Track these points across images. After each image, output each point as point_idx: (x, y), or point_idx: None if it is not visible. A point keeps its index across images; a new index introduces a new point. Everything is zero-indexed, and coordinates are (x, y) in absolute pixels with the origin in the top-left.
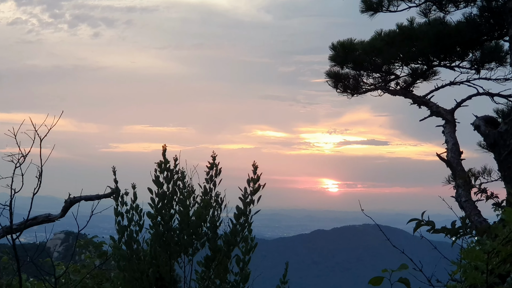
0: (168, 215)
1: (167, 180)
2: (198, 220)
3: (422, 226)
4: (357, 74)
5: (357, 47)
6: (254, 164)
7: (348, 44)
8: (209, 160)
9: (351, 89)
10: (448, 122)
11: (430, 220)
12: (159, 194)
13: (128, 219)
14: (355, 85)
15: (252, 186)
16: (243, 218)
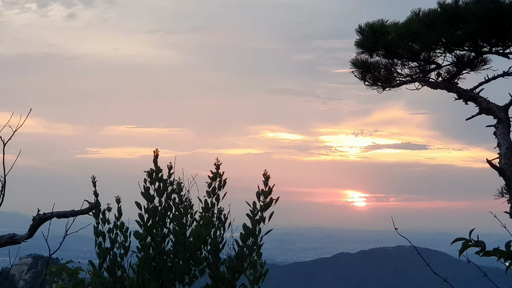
0: (160, 235)
1: (159, 192)
2: (196, 242)
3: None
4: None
5: (389, 30)
6: (265, 173)
7: (378, 27)
8: (211, 169)
9: (382, 81)
10: (501, 121)
11: (479, 241)
12: (149, 209)
13: (111, 240)
14: (387, 76)
15: (262, 200)
16: (251, 239)
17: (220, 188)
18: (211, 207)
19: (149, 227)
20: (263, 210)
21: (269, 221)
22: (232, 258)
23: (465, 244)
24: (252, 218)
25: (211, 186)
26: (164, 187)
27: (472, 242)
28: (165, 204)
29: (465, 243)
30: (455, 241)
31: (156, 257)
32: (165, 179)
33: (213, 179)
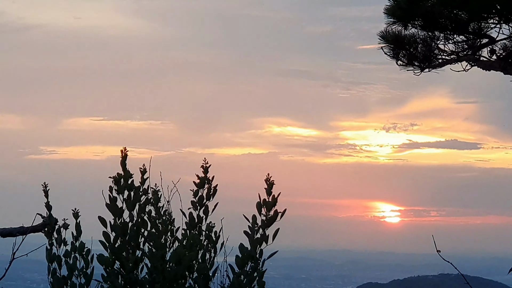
0: (132, 260)
1: (129, 204)
2: (179, 268)
3: None
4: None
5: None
6: (268, 178)
7: None
8: (198, 173)
9: (420, 59)
10: None
11: None
12: (116, 226)
13: (69, 267)
14: (426, 54)
15: (265, 214)
16: (251, 264)
17: (210, 198)
18: (198, 222)
19: (117, 249)
20: (265, 227)
21: (274, 241)
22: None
23: None
24: (252, 237)
25: (198, 195)
26: (135, 196)
27: None
28: (137, 219)
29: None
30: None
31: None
32: (137, 186)
33: (200, 186)
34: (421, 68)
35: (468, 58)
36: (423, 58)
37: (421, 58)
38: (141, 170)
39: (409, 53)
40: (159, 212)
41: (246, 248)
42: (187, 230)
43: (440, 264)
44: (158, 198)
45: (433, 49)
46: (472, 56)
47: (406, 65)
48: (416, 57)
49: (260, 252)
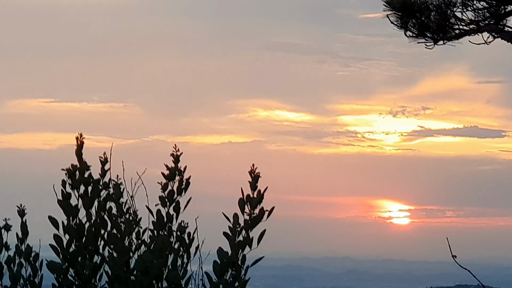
0: (89, 267)
1: (86, 201)
2: (145, 277)
3: None
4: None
5: None
6: (253, 170)
7: None
8: (167, 163)
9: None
10: None
11: None
12: (70, 227)
13: (12, 275)
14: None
15: (249, 212)
16: (231, 273)
17: (181, 192)
18: (167, 221)
19: (72, 254)
20: (249, 228)
21: (259, 244)
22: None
23: None
24: (233, 240)
25: (167, 189)
26: (94, 192)
27: None
28: (96, 219)
29: None
30: None
31: None
32: (96, 179)
33: (170, 178)
34: (434, 40)
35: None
36: (437, 28)
37: (435, 28)
38: (101, 159)
39: (420, 22)
40: (121, 210)
41: (226, 252)
42: (155, 231)
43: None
44: (120, 192)
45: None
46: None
47: (416, 36)
48: (428, 27)
49: (243, 257)
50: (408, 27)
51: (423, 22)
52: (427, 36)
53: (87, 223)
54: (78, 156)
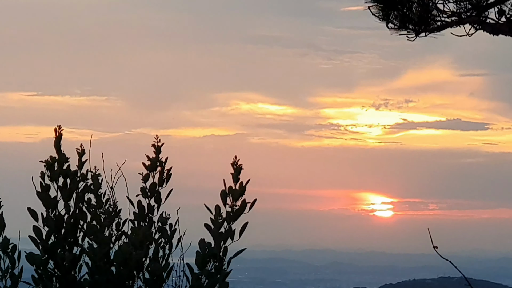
0: (68, 259)
1: (65, 193)
2: (125, 268)
3: None
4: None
5: None
6: (235, 162)
7: None
8: (148, 154)
9: (415, 22)
10: None
11: None
12: (49, 219)
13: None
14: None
15: (231, 204)
16: (213, 264)
17: (163, 184)
18: (148, 212)
19: (51, 246)
20: (231, 220)
21: (241, 237)
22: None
23: None
24: (215, 232)
25: (148, 181)
26: (72, 183)
27: None
28: (75, 210)
29: None
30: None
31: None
32: (74, 171)
33: (151, 169)
34: (416, 32)
35: (472, 20)
36: (419, 20)
37: (416, 20)
38: (78, 151)
39: (402, 14)
40: (100, 201)
41: (209, 244)
42: (136, 221)
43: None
44: (98, 183)
45: (430, 9)
46: (477, 18)
47: (398, 28)
48: (410, 19)
49: (225, 249)
50: (390, 19)
51: (404, 14)
52: (409, 28)
53: (66, 215)
54: (56, 148)
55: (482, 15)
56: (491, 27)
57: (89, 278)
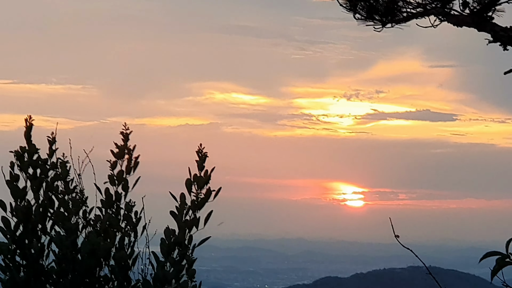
0: (37, 248)
1: (34, 183)
2: (92, 257)
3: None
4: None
5: None
6: (200, 149)
7: None
8: (116, 141)
9: (382, 13)
10: None
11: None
12: (18, 209)
13: None
14: (389, 6)
15: (195, 193)
16: (178, 251)
17: (130, 171)
18: (115, 200)
19: (19, 236)
20: (196, 208)
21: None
22: (147, 281)
23: (500, 261)
24: (180, 220)
25: (115, 168)
26: (42, 173)
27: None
28: (44, 199)
29: (500, 259)
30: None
31: (30, 281)
32: (44, 159)
33: (119, 157)
34: (382, 22)
35: (437, 11)
36: (385, 11)
37: (383, 11)
38: (49, 139)
39: (368, 5)
40: (68, 188)
41: (174, 231)
42: (103, 209)
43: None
44: (66, 171)
45: (397, 0)
46: (441, 9)
47: (365, 19)
48: (377, 10)
49: (190, 237)
50: (357, 10)
51: (371, 4)
52: (376, 19)
53: (35, 203)
54: (27, 138)
55: (446, 6)
56: (455, 19)
57: (56, 266)
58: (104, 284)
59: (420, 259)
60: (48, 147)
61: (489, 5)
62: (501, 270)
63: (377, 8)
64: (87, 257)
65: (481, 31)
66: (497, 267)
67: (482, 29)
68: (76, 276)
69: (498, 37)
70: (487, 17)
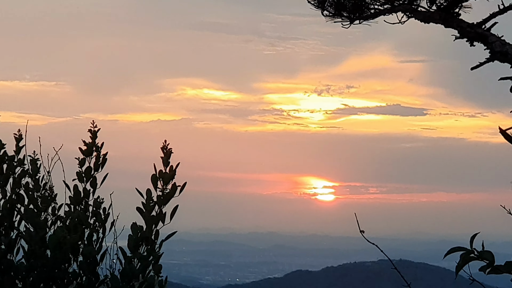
0: (5, 243)
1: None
2: (58, 251)
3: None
4: None
5: None
6: (165, 146)
7: None
8: (84, 139)
9: (349, 9)
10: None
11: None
12: None
13: None
14: (357, 3)
15: (161, 188)
16: (145, 247)
17: (98, 168)
18: (84, 197)
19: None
20: (162, 203)
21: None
22: (115, 276)
23: (465, 256)
24: (146, 215)
25: (84, 165)
26: (9, 169)
27: (476, 253)
28: (11, 195)
29: (465, 255)
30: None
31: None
32: (11, 156)
33: (87, 154)
34: (350, 19)
35: (404, 8)
36: (353, 8)
37: (351, 8)
38: (15, 136)
39: (336, 2)
40: (38, 185)
41: (141, 227)
42: (72, 205)
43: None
44: (36, 168)
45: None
46: (408, 6)
47: (333, 15)
48: (344, 7)
49: (156, 232)
50: (325, 7)
51: (339, 1)
52: (344, 16)
53: (3, 200)
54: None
55: (414, 3)
56: (423, 15)
57: (25, 262)
58: (72, 279)
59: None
60: (15, 144)
61: (456, 1)
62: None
63: (344, 5)
64: (53, 251)
65: (448, 27)
66: (462, 262)
67: (449, 25)
68: (44, 271)
69: (465, 33)
70: (454, 14)
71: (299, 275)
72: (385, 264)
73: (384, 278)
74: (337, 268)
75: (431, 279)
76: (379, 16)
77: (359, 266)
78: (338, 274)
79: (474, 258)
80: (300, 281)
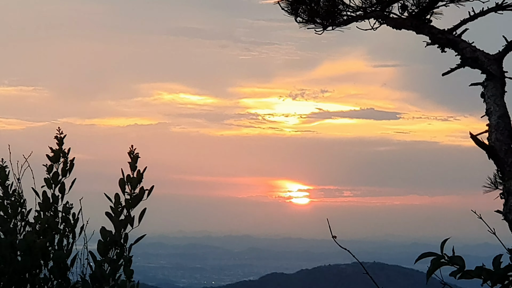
0: None
1: None
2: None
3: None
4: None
5: None
6: (131, 151)
7: None
8: (51, 146)
9: (323, 16)
10: (492, 77)
11: (455, 256)
12: None
13: None
14: (329, 10)
15: (129, 192)
16: (115, 251)
17: (66, 174)
18: (53, 202)
19: None
20: (130, 207)
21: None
22: (86, 280)
23: (436, 261)
24: (115, 219)
25: (52, 171)
26: None
27: (446, 258)
28: None
29: (435, 260)
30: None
31: None
32: None
33: (55, 160)
34: (323, 25)
35: (376, 14)
36: (326, 14)
37: (324, 15)
38: None
39: (309, 9)
40: (7, 192)
41: (110, 231)
42: (41, 211)
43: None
44: (6, 175)
45: (337, 3)
46: (380, 13)
47: (306, 22)
48: (317, 13)
49: (126, 236)
50: (298, 13)
51: (312, 8)
52: (317, 22)
53: None
54: None
55: (386, 10)
56: (394, 22)
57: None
58: (43, 284)
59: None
60: None
61: (427, 8)
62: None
63: (317, 11)
64: (23, 255)
65: (419, 33)
66: (432, 268)
67: (420, 32)
68: (14, 277)
69: (436, 40)
70: (425, 20)
71: (274, 277)
72: (359, 267)
73: (358, 281)
74: (311, 270)
75: (404, 281)
76: (352, 22)
77: (333, 268)
78: (313, 277)
79: (445, 263)
80: (275, 284)
